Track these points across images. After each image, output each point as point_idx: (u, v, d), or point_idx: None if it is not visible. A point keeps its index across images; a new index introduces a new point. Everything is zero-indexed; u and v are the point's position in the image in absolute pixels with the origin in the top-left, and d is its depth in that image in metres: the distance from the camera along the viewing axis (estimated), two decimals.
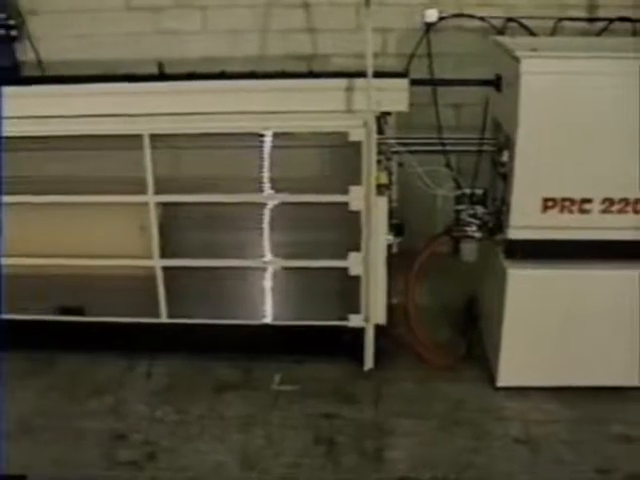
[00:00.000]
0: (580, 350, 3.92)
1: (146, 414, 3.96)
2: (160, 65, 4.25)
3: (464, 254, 4.07)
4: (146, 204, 4.10)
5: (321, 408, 3.93)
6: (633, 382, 3.96)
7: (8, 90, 4.05)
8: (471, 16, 5.05)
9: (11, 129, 4.05)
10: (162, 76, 4.21)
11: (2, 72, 5.49)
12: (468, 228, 4.04)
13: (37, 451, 3.69)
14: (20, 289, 4.40)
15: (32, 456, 3.65)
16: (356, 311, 4.15)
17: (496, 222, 3.99)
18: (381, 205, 3.95)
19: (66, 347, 4.49)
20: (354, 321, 4.18)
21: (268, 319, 4.28)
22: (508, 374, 4.00)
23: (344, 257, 4.08)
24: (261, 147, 3.99)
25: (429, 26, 4.83)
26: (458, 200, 4.09)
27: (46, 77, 5.19)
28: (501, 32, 4.91)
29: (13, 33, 5.52)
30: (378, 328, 4.17)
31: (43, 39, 5.62)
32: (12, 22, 5.49)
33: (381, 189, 3.95)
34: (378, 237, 3.99)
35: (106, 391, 4.16)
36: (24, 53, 5.68)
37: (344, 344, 4.25)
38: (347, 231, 4.04)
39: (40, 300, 4.41)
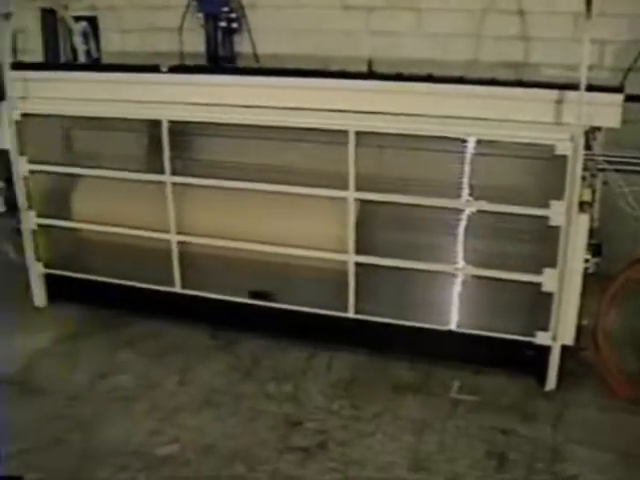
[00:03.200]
0: None
1: (323, 405, 4.04)
2: (370, 64, 4.32)
3: None
4: (345, 199, 4.17)
5: (498, 422, 3.86)
6: None
7: (227, 79, 4.30)
8: None
9: (223, 116, 4.29)
10: (371, 75, 4.28)
11: (222, 61, 5.81)
12: None
13: (215, 425, 3.88)
14: (215, 269, 4.65)
15: (210, 429, 3.84)
16: (544, 328, 4.04)
17: None
18: (582, 223, 3.82)
19: (250, 329, 4.67)
20: (541, 338, 4.07)
21: (452, 325, 4.25)
22: None
23: (537, 272, 3.97)
24: (463, 153, 3.96)
25: None
26: None
27: (261, 69, 5.41)
28: None
29: (234, 25, 5.83)
30: (564, 348, 4.05)
31: (260, 32, 5.87)
32: (233, 15, 5.78)
33: (583, 206, 3.82)
34: (576, 255, 3.86)
35: (286, 377, 4.29)
36: (241, 45, 5.96)
37: (527, 360, 4.15)
38: (543, 246, 3.94)
39: (233, 282, 4.61)
